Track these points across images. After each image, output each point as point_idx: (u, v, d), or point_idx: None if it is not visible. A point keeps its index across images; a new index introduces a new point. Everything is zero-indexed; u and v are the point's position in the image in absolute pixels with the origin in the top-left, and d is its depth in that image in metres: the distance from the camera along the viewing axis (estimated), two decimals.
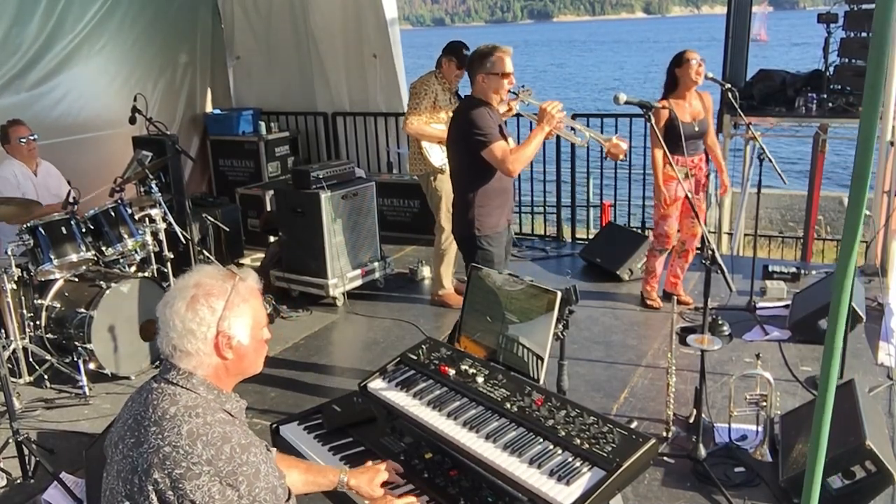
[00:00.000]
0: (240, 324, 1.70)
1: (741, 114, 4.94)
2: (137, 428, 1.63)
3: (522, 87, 4.17)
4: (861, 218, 1.14)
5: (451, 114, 4.20)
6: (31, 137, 5.04)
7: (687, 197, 3.90)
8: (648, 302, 5.08)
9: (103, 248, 4.57)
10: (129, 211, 4.70)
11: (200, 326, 1.66)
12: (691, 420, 3.44)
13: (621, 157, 3.66)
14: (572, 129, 3.77)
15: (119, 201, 4.69)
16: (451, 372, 2.38)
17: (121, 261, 4.70)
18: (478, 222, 3.61)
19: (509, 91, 3.63)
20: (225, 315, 1.68)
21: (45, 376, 4.30)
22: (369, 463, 2.17)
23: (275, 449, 2.13)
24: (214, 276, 1.72)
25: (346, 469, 2.13)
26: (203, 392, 1.67)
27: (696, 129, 4.72)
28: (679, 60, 4.65)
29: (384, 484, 2.11)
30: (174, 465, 1.54)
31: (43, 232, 4.30)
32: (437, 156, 5.11)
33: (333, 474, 2.09)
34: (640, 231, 6.36)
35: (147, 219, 4.86)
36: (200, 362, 1.68)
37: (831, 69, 6.10)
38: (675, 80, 4.69)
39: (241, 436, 1.64)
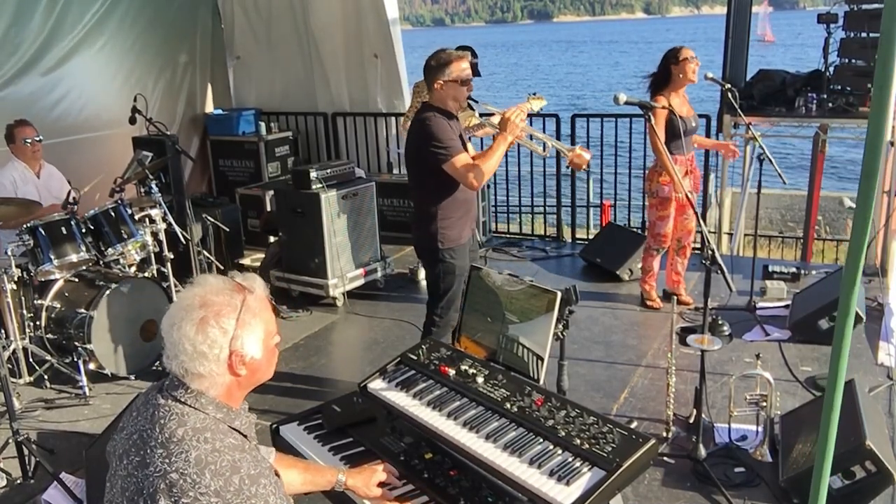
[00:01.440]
0: (252, 340, 1.65)
1: (741, 114, 4.94)
2: (143, 447, 1.58)
3: (534, 94, 4.15)
4: (870, 216, 1.13)
5: None
6: (37, 139, 5.04)
7: (687, 195, 3.91)
8: (648, 302, 5.08)
9: (103, 249, 4.56)
10: (129, 211, 4.70)
11: (213, 349, 1.60)
12: (691, 420, 3.44)
13: (584, 167, 3.58)
14: (533, 137, 3.70)
15: (119, 201, 4.69)
16: (451, 372, 2.38)
17: (121, 261, 4.70)
18: (441, 235, 3.48)
19: (468, 98, 3.51)
20: (237, 335, 1.62)
21: (45, 376, 4.30)
22: (364, 467, 2.16)
23: (273, 449, 2.13)
24: (221, 292, 1.64)
25: (344, 469, 2.14)
26: (212, 412, 1.61)
27: (693, 123, 4.72)
28: (676, 58, 4.61)
29: (382, 484, 2.11)
30: (181, 493, 1.50)
31: (43, 232, 4.29)
32: None
33: (332, 474, 2.09)
34: (640, 231, 6.36)
35: (147, 219, 4.85)
36: (213, 382, 1.63)
37: (831, 69, 6.10)
38: (668, 75, 4.66)
39: (251, 465, 1.58)
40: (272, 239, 6.29)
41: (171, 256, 4.95)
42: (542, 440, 2.03)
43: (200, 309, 1.60)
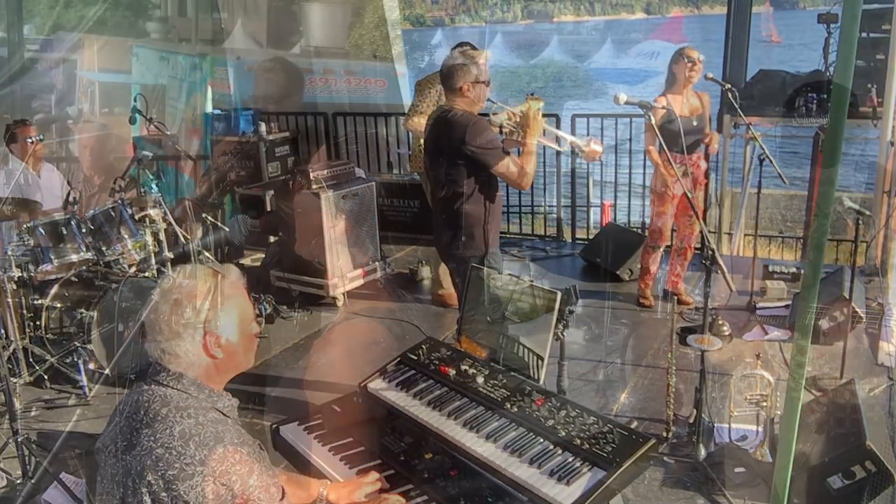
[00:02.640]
0: (227, 322, 1.70)
1: (741, 114, 4.94)
2: (129, 431, 1.62)
3: (531, 94, 4.14)
4: (829, 218, 1.12)
5: None
6: (38, 138, 5.03)
7: (686, 195, 3.90)
8: (641, 300, 5.07)
9: (103, 248, 4.56)
10: (129, 211, 4.69)
11: (187, 329, 1.65)
12: (691, 420, 3.43)
13: (597, 159, 3.55)
14: (557, 137, 3.69)
15: (119, 201, 4.69)
16: (451, 372, 2.37)
17: (121, 261, 4.69)
18: (491, 238, 3.40)
19: (488, 99, 3.43)
20: (210, 315, 1.67)
21: (45, 376, 4.30)
22: (356, 473, 2.16)
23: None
24: (196, 277, 1.70)
25: (326, 482, 2.11)
26: (194, 392, 1.66)
27: (695, 123, 4.73)
28: (676, 58, 4.69)
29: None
30: (167, 466, 1.54)
31: (43, 232, 4.29)
32: None
33: (314, 488, 2.07)
34: (640, 231, 6.35)
35: (147, 219, 4.85)
36: (190, 363, 1.67)
37: (831, 69, 6.09)
38: (673, 76, 4.72)
39: (234, 435, 1.64)
40: (272, 239, 6.29)
41: (171, 256, 4.95)
42: (542, 440, 2.03)
43: (175, 291, 1.67)
